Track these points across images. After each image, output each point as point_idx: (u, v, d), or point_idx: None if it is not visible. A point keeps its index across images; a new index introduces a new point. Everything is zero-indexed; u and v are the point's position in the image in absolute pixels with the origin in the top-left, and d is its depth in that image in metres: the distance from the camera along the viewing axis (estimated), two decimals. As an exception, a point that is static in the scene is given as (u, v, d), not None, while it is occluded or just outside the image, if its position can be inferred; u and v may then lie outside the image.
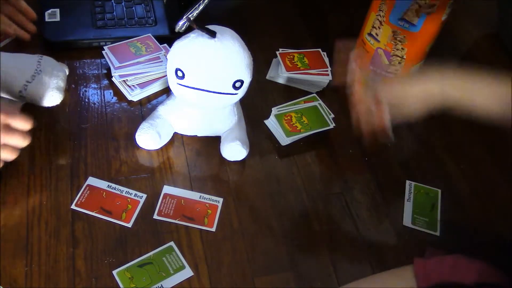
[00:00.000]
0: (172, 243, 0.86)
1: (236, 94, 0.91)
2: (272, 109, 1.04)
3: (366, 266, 0.89)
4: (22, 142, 0.82)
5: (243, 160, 0.98)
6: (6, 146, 0.81)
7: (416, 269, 0.72)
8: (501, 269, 0.69)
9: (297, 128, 1.02)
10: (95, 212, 0.87)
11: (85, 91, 1.04)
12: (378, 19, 1.08)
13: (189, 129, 1.00)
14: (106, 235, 0.85)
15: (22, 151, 0.89)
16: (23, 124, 0.81)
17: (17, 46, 1.07)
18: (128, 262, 0.83)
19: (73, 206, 0.88)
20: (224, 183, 0.95)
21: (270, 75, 1.15)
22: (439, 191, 1.00)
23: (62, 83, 0.96)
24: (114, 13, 1.16)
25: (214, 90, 0.89)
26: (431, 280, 0.70)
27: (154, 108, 1.00)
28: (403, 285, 0.72)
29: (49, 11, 1.13)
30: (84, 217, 0.87)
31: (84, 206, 0.88)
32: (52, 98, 0.94)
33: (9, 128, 0.80)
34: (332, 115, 1.06)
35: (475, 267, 0.69)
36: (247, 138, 0.99)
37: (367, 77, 0.84)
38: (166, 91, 1.07)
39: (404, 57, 1.09)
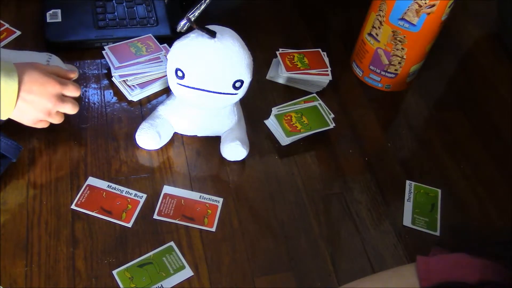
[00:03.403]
0: (172, 243, 0.86)
1: (236, 94, 0.92)
2: (272, 109, 1.04)
3: (366, 266, 0.89)
4: (72, 110, 0.91)
5: (243, 160, 0.98)
6: (57, 113, 0.90)
7: (419, 268, 0.72)
8: (505, 267, 0.69)
9: (297, 128, 1.02)
10: (95, 212, 0.87)
11: (85, 91, 1.04)
12: (378, 19, 1.08)
13: (189, 129, 1.00)
14: (106, 235, 0.86)
15: (23, 151, 0.90)
16: (75, 93, 0.90)
17: (16, 46, 1.07)
18: (128, 262, 0.83)
19: (73, 206, 0.88)
20: (224, 183, 0.95)
21: (270, 75, 1.15)
22: (439, 191, 1.00)
23: None
24: (116, 13, 1.16)
25: (214, 90, 0.89)
26: (433, 279, 0.70)
27: (154, 108, 1.01)
28: (405, 284, 0.72)
29: (51, 11, 1.13)
30: (84, 217, 0.87)
31: (84, 206, 0.88)
32: None
33: (63, 98, 0.89)
34: (332, 115, 1.06)
35: (479, 264, 0.69)
36: (247, 138, 0.99)
37: None
38: (166, 91, 1.07)
39: (404, 57, 1.09)
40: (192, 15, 0.87)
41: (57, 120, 0.91)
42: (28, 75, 0.83)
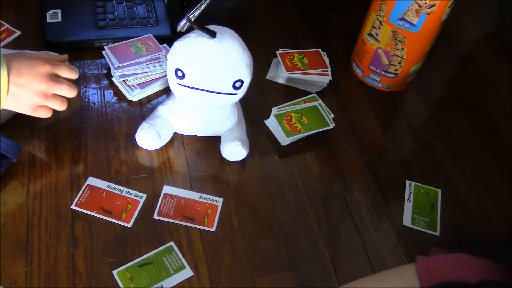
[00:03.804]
0: (172, 243, 0.86)
1: (236, 94, 0.92)
2: (272, 109, 1.04)
3: (366, 266, 0.89)
4: (69, 92, 0.87)
5: (243, 160, 0.98)
6: (55, 96, 0.86)
7: (419, 268, 0.72)
8: (505, 267, 0.69)
9: (297, 128, 1.02)
10: (95, 212, 0.87)
11: (85, 91, 1.04)
12: (378, 19, 1.08)
13: (189, 129, 1.00)
14: (106, 235, 0.86)
15: (23, 151, 0.90)
16: (69, 73, 0.87)
17: (16, 46, 1.07)
18: (128, 262, 0.83)
19: (73, 206, 0.88)
20: (224, 183, 0.95)
21: (270, 75, 1.15)
22: (439, 191, 1.00)
23: None
24: (116, 13, 1.16)
25: (214, 90, 0.89)
26: (433, 279, 0.70)
27: (154, 108, 1.01)
28: (405, 284, 0.72)
29: (51, 11, 1.13)
30: (84, 217, 0.87)
31: (84, 206, 0.88)
32: None
33: (57, 79, 0.85)
34: (332, 115, 1.06)
35: (479, 264, 0.69)
36: (247, 138, 0.99)
37: None
38: (166, 91, 1.07)
39: (404, 57, 1.09)
40: (192, 15, 0.87)
41: (58, 104, 0.86)
42: (15, 60, 0.81)
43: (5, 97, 0.81)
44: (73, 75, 0.87)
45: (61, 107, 0.87)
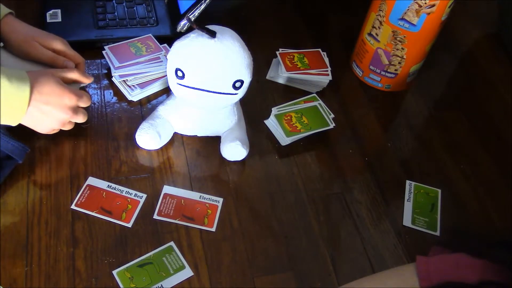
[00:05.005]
0: (172, 243, 0.86)
1: (236, 94, 0.92)
2: (272, 109, 1.04)
3: (366, 266, 0.89)
4: (83, 120, 0.92)
5: (243, 160, 0.98)
6: (70, 121, 0.91)
7: (419, 268, 0.72)
8: (505, 267, 0.69)
9: (297, 128, 1.02)
10: (95, 212, 0.87)
11: (85, 91, 1.04)
12: (378, 19, 1.08)
13: (189, 129, 1.00)
14: (106, 235, 0.86)
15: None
16: (87, 103, 0.91)
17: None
18: (128, 262, 0.83)
19: (73, 206, 0.88)
20: (224, 183, 0.95)
21: (270, 75, 1.15)
22: (439, 191, 1.00)
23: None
24: (116, 13, 1.16)
25: (214, 90, 0.89)
26: (433, 279, 0.70)
27: (154, 108, 1.01)
28: (405, 284, 0.72)
29: (51, 11, 1.13)
30: (84, 217, 0.87)
31: (84, 206, 0.88)
32: None
33: (77, 109, 0.90)
34: (332, 115, 1.06)
35: (479, 265, 0.69)
36: (247, 138, 0.99)
37: None
38: (166, 91, 1.07)
39: (404, 57, 1.09)
40: (192, 15, 0.87)
41: (69, 127, 0.92)
42: (46, 85, 0.84)
43: (23, 116, 0.83)
44: (89, 104, 0.92)
45: (69, 128, 0.92)
